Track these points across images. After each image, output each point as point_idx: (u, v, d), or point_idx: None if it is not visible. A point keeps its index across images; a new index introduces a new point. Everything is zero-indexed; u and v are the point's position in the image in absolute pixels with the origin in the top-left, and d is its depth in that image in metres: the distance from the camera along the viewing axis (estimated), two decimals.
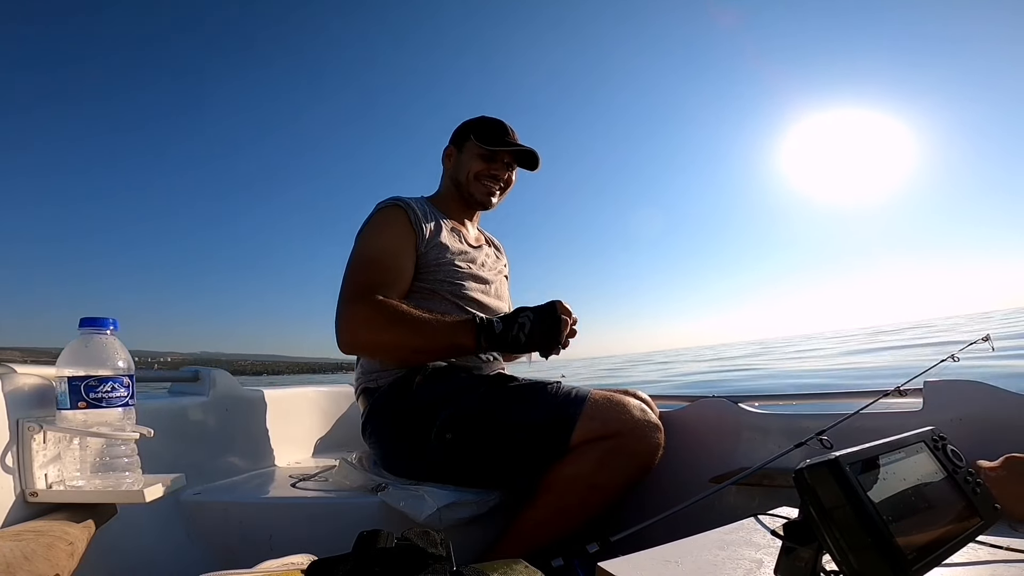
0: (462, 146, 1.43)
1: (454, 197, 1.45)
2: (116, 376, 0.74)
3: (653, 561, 0.63)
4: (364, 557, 0.46)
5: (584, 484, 1.05)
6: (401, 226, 1.28)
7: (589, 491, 1.06)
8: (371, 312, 1.14)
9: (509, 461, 1.11)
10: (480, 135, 1.40)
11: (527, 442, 1.09)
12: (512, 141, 1.42)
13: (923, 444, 0.53)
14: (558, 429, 1.07)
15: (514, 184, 1.48)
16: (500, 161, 1.41)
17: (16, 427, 0.70)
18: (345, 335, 1.16)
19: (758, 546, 0.67)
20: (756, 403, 1.39)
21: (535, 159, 1.43)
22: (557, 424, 1.07)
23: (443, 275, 1.29)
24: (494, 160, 1.41)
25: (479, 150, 1.40)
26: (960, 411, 1.06)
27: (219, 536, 1.10)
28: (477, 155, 1.41)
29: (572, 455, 1.06)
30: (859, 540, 0.41)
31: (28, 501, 0.69)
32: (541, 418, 1.10)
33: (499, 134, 1.41)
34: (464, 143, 1.43)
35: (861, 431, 1.15)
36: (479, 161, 1.40)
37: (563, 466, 1.06)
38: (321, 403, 1.75)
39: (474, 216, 1.51)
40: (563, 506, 1.06)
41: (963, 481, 0.53)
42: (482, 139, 1.39)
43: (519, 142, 1.43)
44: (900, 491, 0.46)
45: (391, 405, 1.21)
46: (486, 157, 1.40)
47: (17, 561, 0.50)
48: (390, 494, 1.07)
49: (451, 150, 1.46)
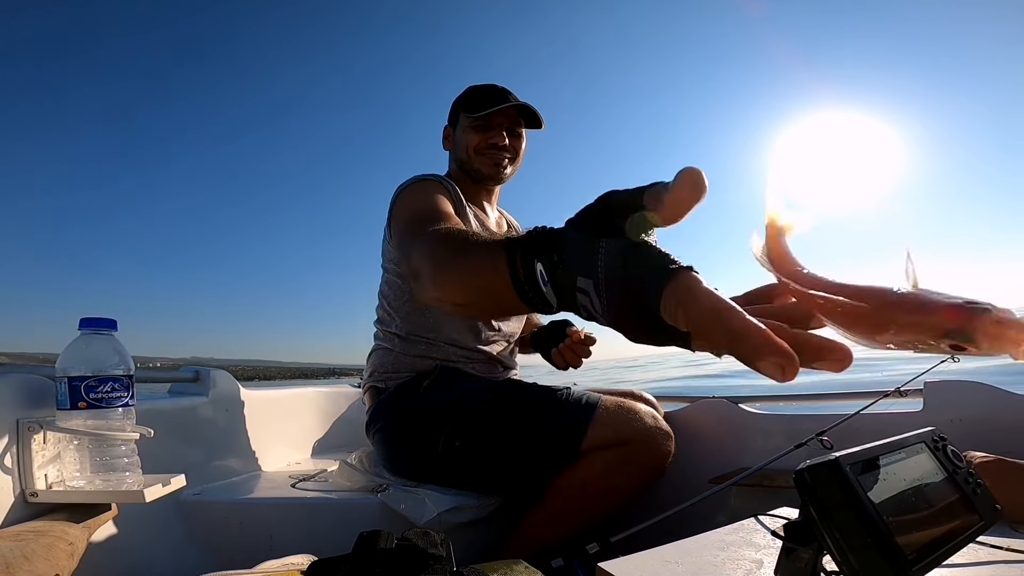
0: (456, 123, 1.33)
1: (463, 178, 1.33)
2: (116, 376, 0.74)
3: (653, 561, 0.63)
4: (364, 558, 0.46)
5: (592, 490, 1.05)
6: (446, 196, 1.15)
7: (597, 497, 1.05)
8: (425, 253, 1.03)
9: (518, 467, 1.10)
10: (469, 106, 1.28)
11: (537, 448, 1.08)
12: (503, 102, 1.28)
13: (923, 445, 0.53)
14: (568, 435, 1.06)
15: (525, 149, 1.35)
16: (496, 127, 1.28)
17: (16, 427, 0.70)
18: (428, 280, 1.03)
19: (758, 547, 0.67)
20: (756, 404, 1.39)
21: (534, 115, 1.30)
22: (567, 430, 1.06)
23: None
24: (489, 128, 1.28)
25: (470, 121, 1.28)
26: (960, 411, 1.06)
27: (219, 536, 1.10)
28: (470, 127, 1.29)
29: (582, 461, 1.05)
30: (860, 540, 0.41)
31: (28, 501, 0.69)
32: (551, 424, 1.08)
33: (489, 99, 1.27)
34: (457, 119, 1.33)
35: (861, 432, 1.15)
36: (473, 134, 1.28)
37: (573, 472, 1.05)
38: (321, 403, 1.75)
39: (492, 196, 1.39)
40: (570, 511, 1.06)
41: (963, 481, 0.53)
42: (471, 109, 1.27)
43: (513, 102, 1.29)
44: (900, 491, 0.46)
45: (399, 406, 1.20)
46: (480, 128, 1.28)
47: (17, 561, 0.50)
48: (390, 495, 1.07)
49: (448, 130, 1.36)
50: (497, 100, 1.27)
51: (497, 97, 1.27)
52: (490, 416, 1.12)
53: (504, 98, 1.27)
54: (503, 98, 1.27)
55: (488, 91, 1.29)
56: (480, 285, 0.53)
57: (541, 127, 1.35)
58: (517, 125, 1.32)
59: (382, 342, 1.30)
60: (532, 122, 1.33)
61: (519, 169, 1.38)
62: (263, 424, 1.47)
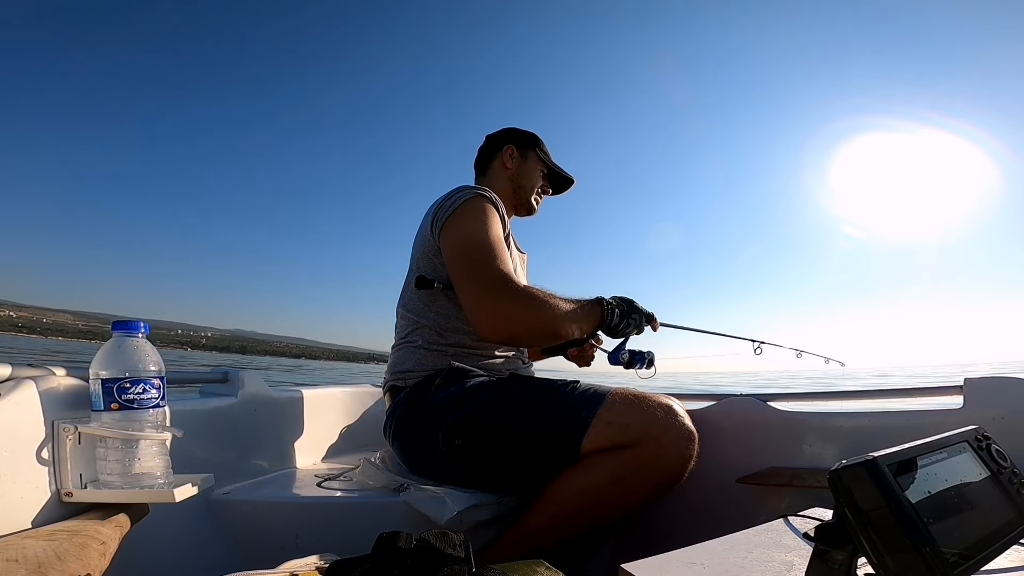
0: (527, 154, 1.45)
1: (509, 198, 1.43)
2: (147, 378, 0.75)
3: (678, 563, 0.62)
4: (383, 558, 0.46)
5: (591, 499, 0.97)
6: (500, 221, 1.25)
7: (598, 508, 0.98)
8: (524, 303, 1.12)
9: (517, 468, 1.06)
10: (543, 151, 1.46)
11: (532, 449, 1.03)
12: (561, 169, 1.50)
13: (966, 444, 0.51)
14: (566, 435, 0.99)
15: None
16: (548, 184, 1.49)
17: (52, 428, 0.72)
18: (496, 323, 1.12)
19: (788, 548, 0.65)
20: (787, 402, 1.36)
21: (568, 187, 1.54)
22: (566, 430, 1.00)
23: None
24: (550, 183, 1.49)
25: (543, 167, 1.46)
26: (1002, 409, 1.01)
27: (247, 535, 1.12)
28: (541, 171, 1.46)
29: (582, 465, 0.98)
30: (897, 542, 0.39)
31: (63, 501, 0.71)
32: (547, 423, 1.03)
33: (562, 174, 1.50)
34: (529, 152, 1.45)
35: (898, 429, 1.12)
36: (541, 177, 1.46)
37: (570, 476, 0.98)
38: (346, 403, 1.77)
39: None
40: (568, 518, 0.99)
41: (1007, 482, 0.50)
42: (545, 157, 1.46)
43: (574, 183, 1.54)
44: (940, 491, 0.44)
45: (411, 406, 1.20)
46: (548, 177, 1.47)
47: (49, 561, 0.52)
48: (412, 495, 1.08)
49: (512, 151, 1.44)
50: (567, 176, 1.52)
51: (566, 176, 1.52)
52: (487, 414, 1.08)
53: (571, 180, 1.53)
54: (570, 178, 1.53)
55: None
56: (571, 332, 1.18)
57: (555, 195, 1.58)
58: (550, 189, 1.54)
59: (403, 341, 1.30)
60: (558, 191, 1.55)
61: None
62: (290, 424, 1.50)
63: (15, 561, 0.52)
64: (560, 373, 1.25)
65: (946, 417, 1.08)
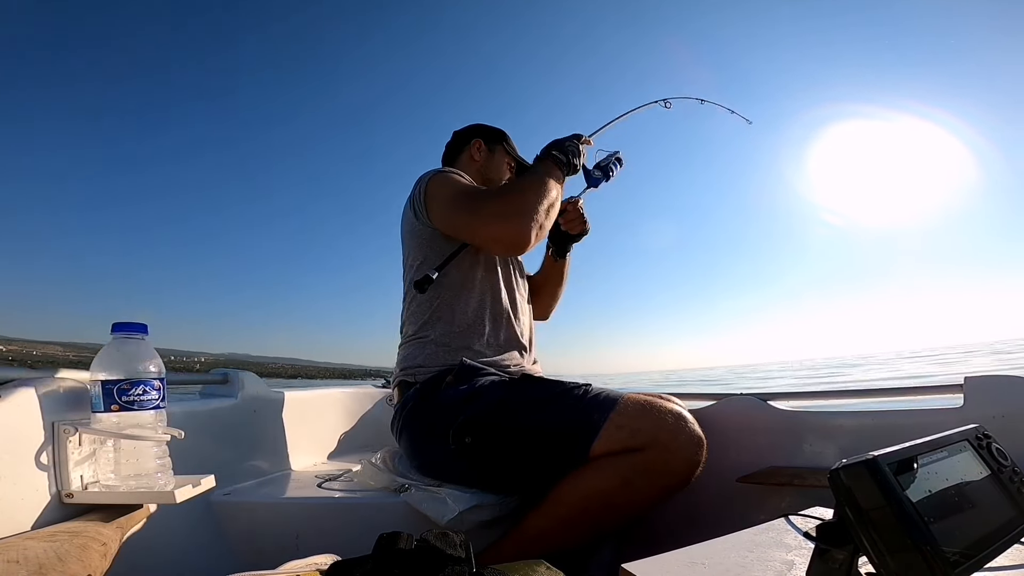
0: (494, 147, 1.47)
1: None
2: (148, 379, 0.75)
3: (679, 562, 0.62)
4: (384, 558, 0.46)
5: (600, 502, 0.97)
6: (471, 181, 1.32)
7: (604, 510, 0.98)
8: (514, 203, 1.17)
9: (526, 468, 1.06)
10: (510, 146, 1.48)
11: (543, 450, 1.03)
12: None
13: (966, 442, 0.51)
14: (576, 438, 0.99)
15: None
16: (515, 177, 1.48)
17: (52, 429, 0.72)
18: (509, 231, 1.16)
19: (789, 547, 0.65)
20: (787, 401, 1.35)
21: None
22: (576, 432, 1.00)
23: (483, 271, 1.31)
24: (516, 176, 1.48)
25: (510, 160, 1.47)
26: (1002, 407, 1.01)
27: (248, 536, 1.12)
28: (508, 164, 1.47)
29: (591, 468, 0.98)
30: (898, 542, 0.39)
31: (64, 502, 0.71)
32: (558, 425, 1.03)
33: (522, 161, 1.50)
34: (496, 146, 1.47)
35: (899, 428, 1.12)
36: (509, 170, 1.48)
37: (579, 479, 0.98)
38: (346, 404, 1.78)
39: None
40: (572, 521, 0.99)
41: (1008, 480, 0.50)
42: (513, 151, 1.48)
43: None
44: (941, 490, 0.44)
45: (421, 402, 1.20)
46: (516, 171, 1.48)
47: (50, 562, 0.52)
48: (412, 495, 1.08)
49: (480, 144, 1.46)
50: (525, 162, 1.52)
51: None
52: (497, 414, 1.08)
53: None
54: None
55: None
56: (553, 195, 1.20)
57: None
58: None
59: (413, 337, 1.30)
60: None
61: None
62: (290, 425, 1.50)
63: (16, 562, 0.52)
64: (566, 369, 1.25)
65: (946, 416, 1.08)
